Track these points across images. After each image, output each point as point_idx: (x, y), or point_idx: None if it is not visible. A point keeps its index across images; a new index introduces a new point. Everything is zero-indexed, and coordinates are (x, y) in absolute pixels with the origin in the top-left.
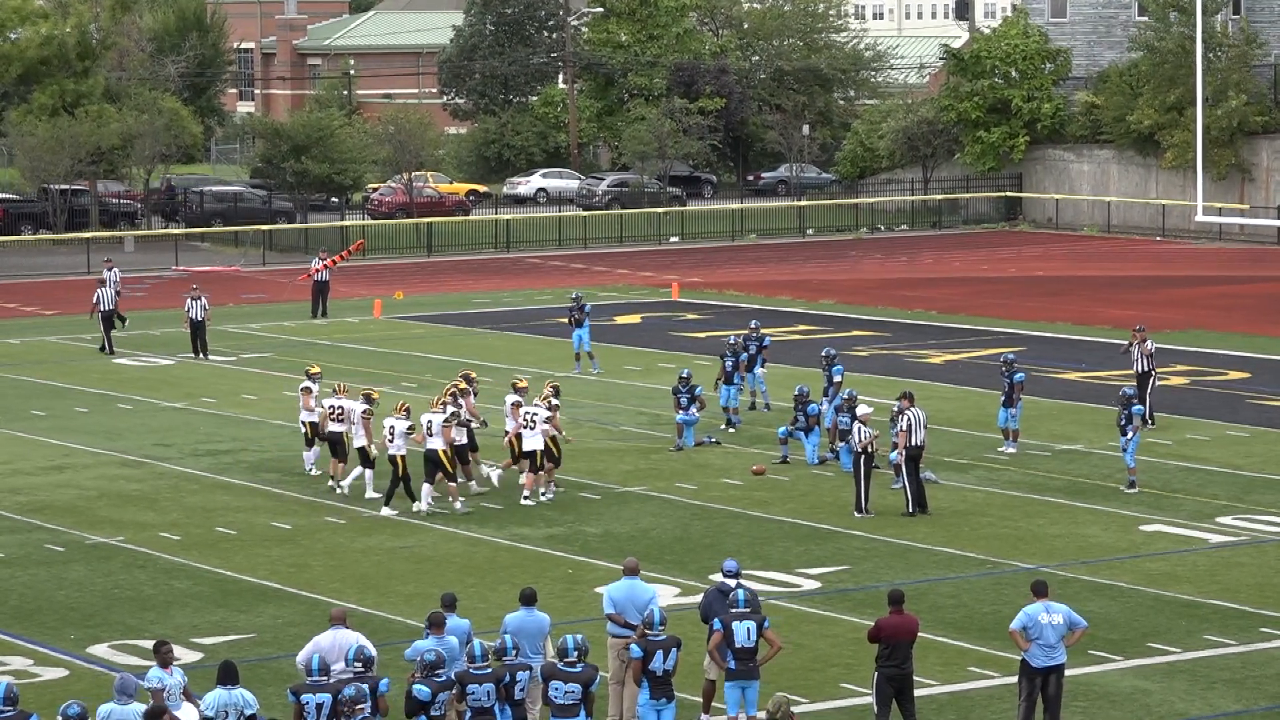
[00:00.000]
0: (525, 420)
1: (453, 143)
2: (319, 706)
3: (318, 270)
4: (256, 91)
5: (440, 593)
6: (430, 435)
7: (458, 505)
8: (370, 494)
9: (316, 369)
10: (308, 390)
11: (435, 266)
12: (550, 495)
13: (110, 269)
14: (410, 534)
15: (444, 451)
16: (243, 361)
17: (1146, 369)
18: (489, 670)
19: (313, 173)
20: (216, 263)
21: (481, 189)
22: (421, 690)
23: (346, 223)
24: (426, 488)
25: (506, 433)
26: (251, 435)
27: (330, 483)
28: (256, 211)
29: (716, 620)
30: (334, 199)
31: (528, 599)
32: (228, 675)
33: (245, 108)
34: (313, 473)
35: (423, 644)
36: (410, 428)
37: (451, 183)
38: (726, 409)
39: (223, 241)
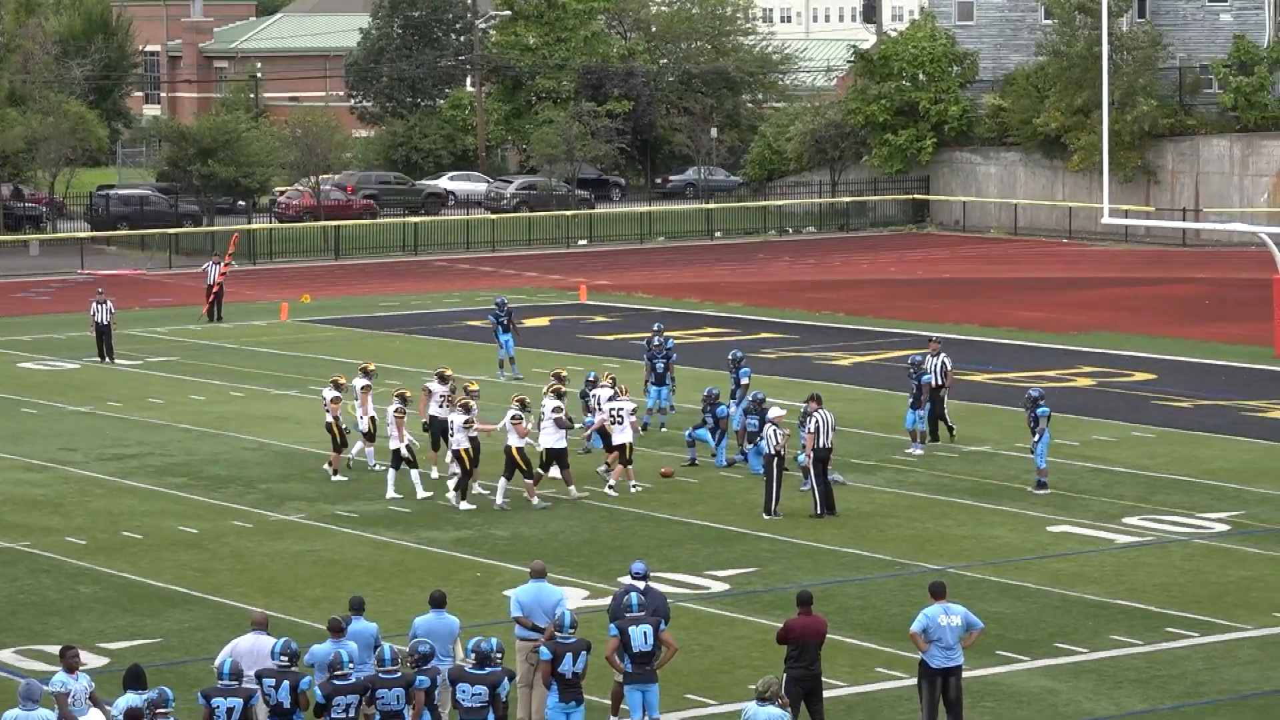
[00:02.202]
0: (614, 415)
1: (360, 145)
2: (229, 710)
3: (220, 279)
4: (163, 95)
5: (348, 596)
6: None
7: (535, 501)
8: (391, 494)
9: (372, 365)
10: (366, 389)
11: (342, 269)
12: (638, 487)
13: None
14: (318, 537)
15: (517, 449)
16: (149, 365)
17: (941, 382)
18: (398, 675)
19: (220, 176)
20: (123, 266)
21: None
22: (316, 691)
23: (253, 226)
24: (502, 483)
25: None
26: (158, 439)
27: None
28: (163, 215)
29: (613, 625)
30: (241, 201)
31: (437, 601)
32: (136, 680)
33: (152, 111)
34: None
35: (320, 648)
36: (467, 422)
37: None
38: (663, 411)
39: (129, 245)
